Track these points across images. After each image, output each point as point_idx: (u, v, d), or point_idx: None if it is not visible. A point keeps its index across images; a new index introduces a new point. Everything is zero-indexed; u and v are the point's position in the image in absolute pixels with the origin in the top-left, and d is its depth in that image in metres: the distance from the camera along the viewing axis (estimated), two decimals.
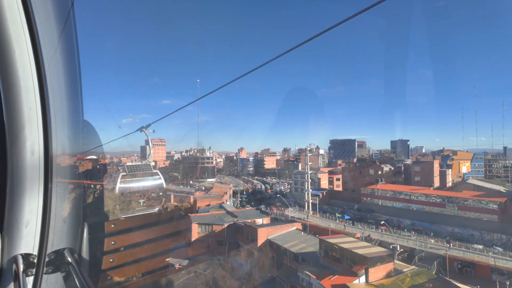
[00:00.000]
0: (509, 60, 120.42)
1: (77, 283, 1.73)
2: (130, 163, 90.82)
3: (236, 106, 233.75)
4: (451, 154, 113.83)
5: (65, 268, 1.91)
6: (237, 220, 33.80)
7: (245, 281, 27.00)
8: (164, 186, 78.36)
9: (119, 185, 71.97)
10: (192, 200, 58.23)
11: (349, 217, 60.08)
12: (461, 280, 33.21)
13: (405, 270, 19.87)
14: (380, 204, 62.92)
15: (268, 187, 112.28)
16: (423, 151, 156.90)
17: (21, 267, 1.58)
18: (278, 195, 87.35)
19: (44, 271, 1.81)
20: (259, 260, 28.71)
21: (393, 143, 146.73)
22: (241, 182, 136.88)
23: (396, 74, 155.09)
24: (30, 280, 1.69)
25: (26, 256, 1.68)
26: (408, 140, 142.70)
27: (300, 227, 33.10)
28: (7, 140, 1.68)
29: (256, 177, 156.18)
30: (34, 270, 1.71)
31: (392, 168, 70.34)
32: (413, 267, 22.86)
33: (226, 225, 33.05)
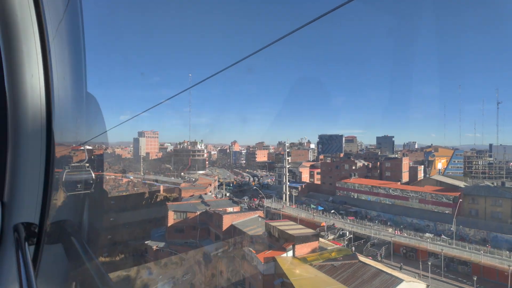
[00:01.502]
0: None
1: (77, 253, 1.81)
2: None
3: (232, 99, 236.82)
4: (433, 151, 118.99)
5: (65, 238, 1.97)
6: (208, 209, 38.53)
7: (210, 259, 31.93)
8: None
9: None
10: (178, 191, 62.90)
11: (323, 208, 65.06)
12: (404, 261, 38.42)
13: (329, 248, 24.67)
14: (352, 196, 68.00)
15: (256, 179, 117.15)
16: (416, 146, 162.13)
17: (23, 236, 1.58)
18: (261, 188, 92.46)
19: (46, 241, 1.81)
20: (224, 242, 33.55)
21: (378, 139, 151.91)
22: (231, 174, 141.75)
23: (400, 68, 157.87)
24: (31, 248, 1.72)
25: (27, 225, 1.68)
26: (393, 137, 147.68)
27: (262, 215, 37.88)
28: (8, 107, 1.65)
29: (247, 170, 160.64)
30: (35, 239, 1.72)
31: (366, 164, 75.18)
32: (337, 246, 27.77)
33: (198, 213, 37.78)
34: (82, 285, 1.91)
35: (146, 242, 37.57)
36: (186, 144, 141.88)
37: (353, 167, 73.39)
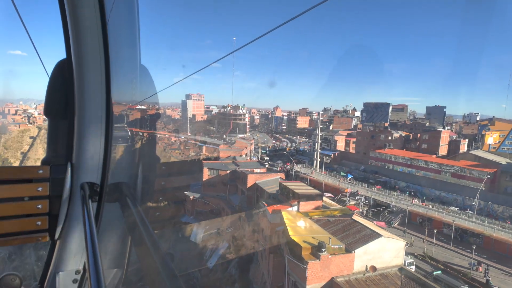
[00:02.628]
0: None
1: (131, 212, 2.02)
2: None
3: (280, 62, 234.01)
4: (489, 124, 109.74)
5: (122, 199, 2.20)
6: (238, 168, 43.84)
7: (236, 209, 37.74)
8: None
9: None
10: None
11: (352, 176, 67.34)
12: (418, 229, 40.60)
13: (332, 207, 28.24)
14: (384, 167, 68.72)
15: (293, 145, 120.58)
16: (478, 118, 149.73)
17: (87, 194, 1.78)
18: (296, 153, 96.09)
19: (106, 199, 2.03)
20: (248, 197, 38.90)
21: (428, 109, 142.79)
22: (270, 139, 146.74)
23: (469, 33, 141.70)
24: (94, 205, 1.95)
25: (91, 185, 1.92)
26: (445, 107, 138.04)
27: (283, 177, 42.16)
28: (74, 79, 1.89)
29: (287, 135, 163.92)
30: (97, 197, 1.96)
31: (403, 135, 73.93)
32: (340, 206, 31.13)
33: (228, 171, 43.34)
34: (134, 240, 2.14)
35: (185, 192, 44.58)
36: (229, 107, 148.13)
37: (389, 138, 72.88)
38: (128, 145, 2.73)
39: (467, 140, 79.21)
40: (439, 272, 28.59)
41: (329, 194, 54.23)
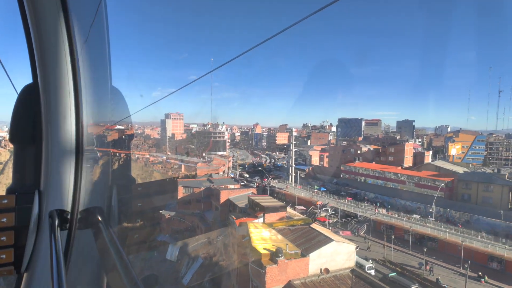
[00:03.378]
0: None
1: (105, 239, 1.91)
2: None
3: (257, 80, 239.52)
4: (453, 136, 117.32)
5: (95, 225, 2.08)
6: (212, 185, 45.64)
7: (210, 225, 39.33)
8: None
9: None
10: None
11: (325, 189, 70.42)
12: (381, 237, 43.44)
13: (295, 217, 30.59)
14: (355, 179, 72.37)
15: (272, 161, 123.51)
16: (448, 130, 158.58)
17: (57, 222, 1.70)
18: (274, 169, 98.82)
19: (77, 227, 1.96)
20: (221, 212, 40.66)
21: (398, 123, 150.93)
22: (250, 155, 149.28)
23: (432, 50, 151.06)
24: (64, 233, 1.87)
25: (61, 212, 1.83)
26: (413, 121, 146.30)
27: (255, 192, 44.33)
28: (41, 104, 1.84)
29: (267, 151, 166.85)
30: (67, 225, 1.88)
31: (371, 149, 78.43)
32: (302, 216, 33.60)
33: (203, 188, 45.03)
34: (107, 267, 2.05)
35: (161, 211, 45.65)
36: (209, 125, 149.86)
37: (358, 152, 77.11)
38: (101, 168, 2.69)
39: (431, 151, 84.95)
40: (394, 274, 31.21)
41: (301, 207, 56.84)
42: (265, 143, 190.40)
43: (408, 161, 73.05)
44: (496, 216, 47.84)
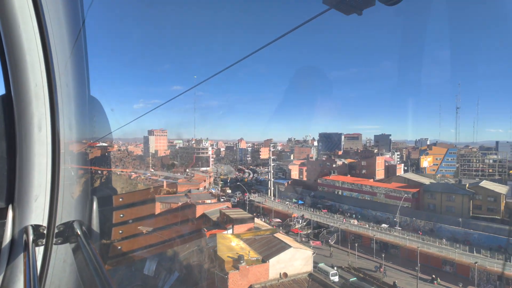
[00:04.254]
0: None
1: (85, 254, 1.81)
2: None
3: (243, 97, 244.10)
4: (427, 149, 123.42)
5: (73, 240, 1.99)
6: (189, 200, 47.55)
7: (186, 239, 41.06)
8: None
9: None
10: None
11: (303, 202, 73.07)
12: (349, 246, 46.08)
13: (263, 228, 32.91)
14: (333, 192, 75.44)
15: (255, 175, 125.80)
16: (428, 142, 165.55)
17: (31, 238, 1.64)
18: (256, 183, 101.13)
19: (54, 242, 1.88)
20: (196, 226, 42.50)
21: (376, 137, 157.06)
22: (234, 170, 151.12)
23: (412, 63, 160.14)
24: (40, 250, 1.78)
25: (36, 227, 1.76)
26: (390, 135, 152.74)
27: (230, 205, 46.48)
28: (15, 116, 1.75)
29: (251, 166, 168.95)
30: (44, 240, 1.79)
31: (346, 162, 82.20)
32: (270, 227, 36.01)
33: (180, 203, 46.86)
34: (85, 283, 1.94)
35: (139, 227, 46.95)
36: (193, 141, 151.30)
37: (334, 165, 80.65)
38: (80, 180, 2.59)
39: (402, 164, 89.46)
40: (355, 279, 33.72)
41: (278, 220, 59.18)
42: (250, 158, 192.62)
43: (380, 174, 76.90)
44: (456, 224, 51.54)
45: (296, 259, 25.92)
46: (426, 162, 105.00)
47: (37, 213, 1.85)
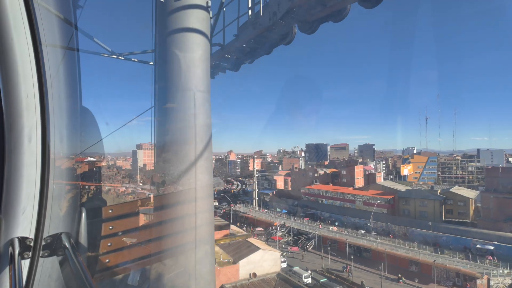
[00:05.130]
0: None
1: (72, 267, 1.78)
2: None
3: (234, 108, 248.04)
4: (409, 158, 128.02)
5: (61, 252, 1.95)
6: None
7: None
8: None
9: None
10: None
11: (286, 211, 75.49)
12: (326, 251, 48.54)
13: (238, 234, 35.21)
14: (316, 200, 78.17)
15: (244, 187, 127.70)
16: (414, 151, 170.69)
17: (17, 250, 1.61)
18: (243, 194, 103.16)
19: (40, 255, 1.84)
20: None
21: (360, 147, 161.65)
22: (223, 182, 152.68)
23: (400, 76, 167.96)
24: (26, 263, 1.74)
25: (22, 239, 1.72)
26: (373, 145, 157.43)
27: (219, 218, 48.72)
28: (5, 126, 1.70)
29: (240, 178, 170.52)
30: (30, 253, 1.75)
31: (328, 172, 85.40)
32: (245, 233, 38.37)
33: None
34: None
35: (123, 238, 48.58)
36: None
37: (316, 175, 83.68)
38: (69, 191, 2.53)
39: (382, 172, 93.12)
40: (325, 279, 36.06)
41: (260, 228, 61.33)
42: (239, 170, 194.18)
43: (360, 182, 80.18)
44: (427, 228, 54.70)
45: (265, 260, 28.30)
46: (406, 170, 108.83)
47: (24, 225, 1.79)
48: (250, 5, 6.01)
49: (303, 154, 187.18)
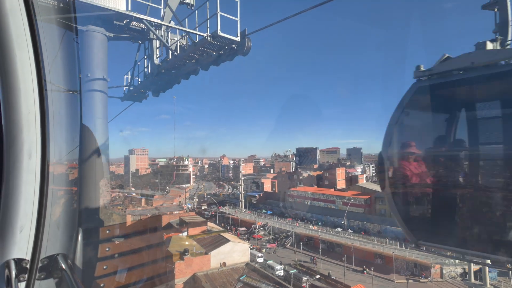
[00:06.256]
0: None
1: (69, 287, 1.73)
2: None
3: (228, 114, 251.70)
4: None
5: (58, 274, 1.92)
6: (157, 212, 52.71)
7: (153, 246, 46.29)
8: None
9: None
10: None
11: (271, 212, 78.91)
12: (299, 247, 51.89)
13: (214, 230, 38.56)
14: (299, 202, 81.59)
15: (233, 190, 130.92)
16: None
17: (14, 272, 1.57)
18: (232, 197, 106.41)
19: (37, 277, 1.80)
20: (161, 233, 47.63)
21: (348, 151, 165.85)
22: (214, 186, 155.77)
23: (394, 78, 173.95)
24: (22, 285, 1.68)
25: (18, 261, 1.66)
26: (361, 148, 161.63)
27: (194, 214, 51.95)
28: (4, 143, 1.67)
29: (232, 182, 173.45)
30: (26, 275, 1.70)
31: (312, 174, 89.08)
32: (220, 228, 41.73)
33: (149, 215, 51.94)
34: None
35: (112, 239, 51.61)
36: (175, 159, 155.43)
37: (300, 177, 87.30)
38: (67, 211, 2.46)
39: (365, 174, 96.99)
40: (295, 270, 39.44)
41: (243, 228, 64.59)
42: (232, 174, 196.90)
43: (341, 184, 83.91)
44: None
45: (235, 251, 31.63)
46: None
47: (21, 245, 1.73)
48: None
49: (294, 158, 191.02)
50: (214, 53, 7.69)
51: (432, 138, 2.74)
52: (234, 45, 6.99)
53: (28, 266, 1.72)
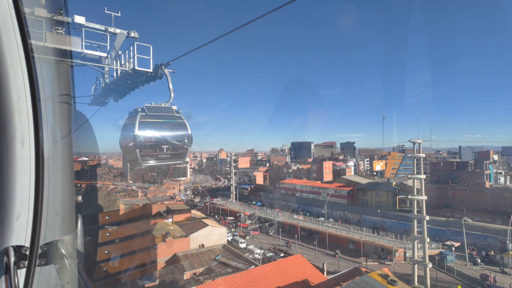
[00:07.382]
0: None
1: (70, 275, 1.78)
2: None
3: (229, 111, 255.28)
4: (387, 155, 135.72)
5: (58, 260, 1.92)
6: (148, 202, 56.39)
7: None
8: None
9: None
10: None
11: (261, 204, 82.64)
12: (285, 235, 55.57)
13: (197, 217, 42.21)
14: (289, 194, 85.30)
15: (229, 183, 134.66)
16: (404, 148, 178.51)
17: (13, 259, 1.56)
18: (226, 189, 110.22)
19: (37, 263, 1.80)
20: (151, 220, 51.25)
21: (342, 145, 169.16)
22: (211, 179, 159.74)
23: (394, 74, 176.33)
24: (22, 272, 1.68)
25: (17, 248, 1.65)
26: (354, 143, 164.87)
27: (182, 203, 55.62)
28: None
29: (229, 175, 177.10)
30: (26, 262, 1.69)
31: (300, 167, 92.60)
32: (203, 215, 45.46)
33: (141, 204, 55.61)
34: None
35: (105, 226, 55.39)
36: None
37: (289, 170, 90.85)
38: (64, 198, 2.45)
39: (352, 168, 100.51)
40: (272, 253, 43.19)
41: (231, 218, 68.36)
42: (229, 168, 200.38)
43: (328, 176, 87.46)
44: (376, 215, 62.08)
45: (213, 234, 35.26)
46: (378, 166, 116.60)
47: (19, 232, 1.71)
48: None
49: (291, 151, 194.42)
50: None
51: None
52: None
53: (27, 252, 1.71)
